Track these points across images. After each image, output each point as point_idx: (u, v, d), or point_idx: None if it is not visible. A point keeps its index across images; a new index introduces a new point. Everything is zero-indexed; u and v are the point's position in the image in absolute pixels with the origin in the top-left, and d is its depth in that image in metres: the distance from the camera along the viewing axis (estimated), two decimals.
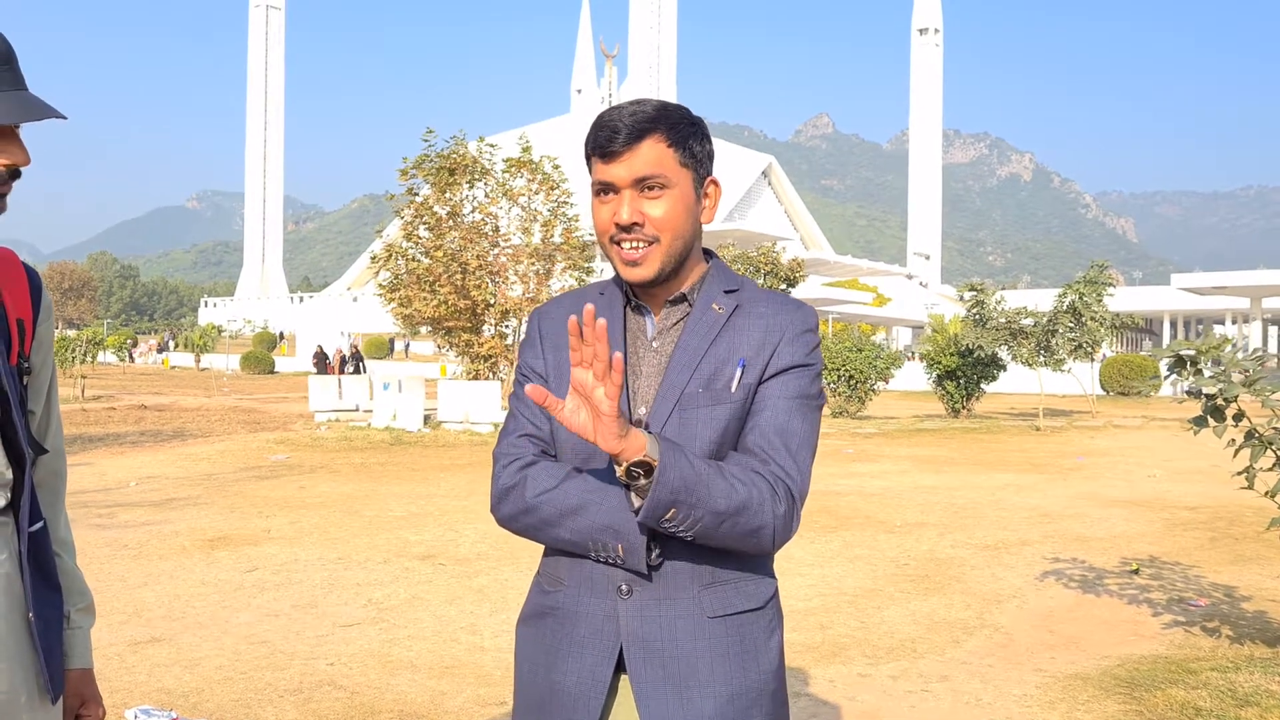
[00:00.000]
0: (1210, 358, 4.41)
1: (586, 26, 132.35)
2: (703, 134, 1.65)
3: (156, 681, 4.61)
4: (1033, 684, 4.75)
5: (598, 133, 1.60)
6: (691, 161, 1.63)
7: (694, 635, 1.57)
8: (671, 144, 1.60)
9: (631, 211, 1.59)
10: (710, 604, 1.58)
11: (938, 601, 6.35)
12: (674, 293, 1.67)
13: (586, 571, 1.60)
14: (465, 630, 5.53)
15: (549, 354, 1.71)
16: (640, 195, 1.60)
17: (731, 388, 1.60)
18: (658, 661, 1.56)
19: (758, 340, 1.63)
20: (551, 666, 1.62)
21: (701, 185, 1.66)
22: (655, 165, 1.58)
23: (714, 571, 1.59)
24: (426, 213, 20.24)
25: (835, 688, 4.68)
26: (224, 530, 8.45)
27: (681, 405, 1.59)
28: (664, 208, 1.59)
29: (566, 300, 1.77)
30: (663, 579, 1.57)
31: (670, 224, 1.60)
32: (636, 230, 1.60)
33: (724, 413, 1.60)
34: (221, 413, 22.65)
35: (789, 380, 1.62)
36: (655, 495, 1.45)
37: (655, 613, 1.57)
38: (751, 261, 31.18)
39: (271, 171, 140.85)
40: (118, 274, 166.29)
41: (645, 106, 1.61)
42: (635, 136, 1.58)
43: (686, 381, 1.60)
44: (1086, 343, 21.69)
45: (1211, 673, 4.74)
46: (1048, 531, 8.86)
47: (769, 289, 1.76)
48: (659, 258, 1.60)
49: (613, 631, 1.58)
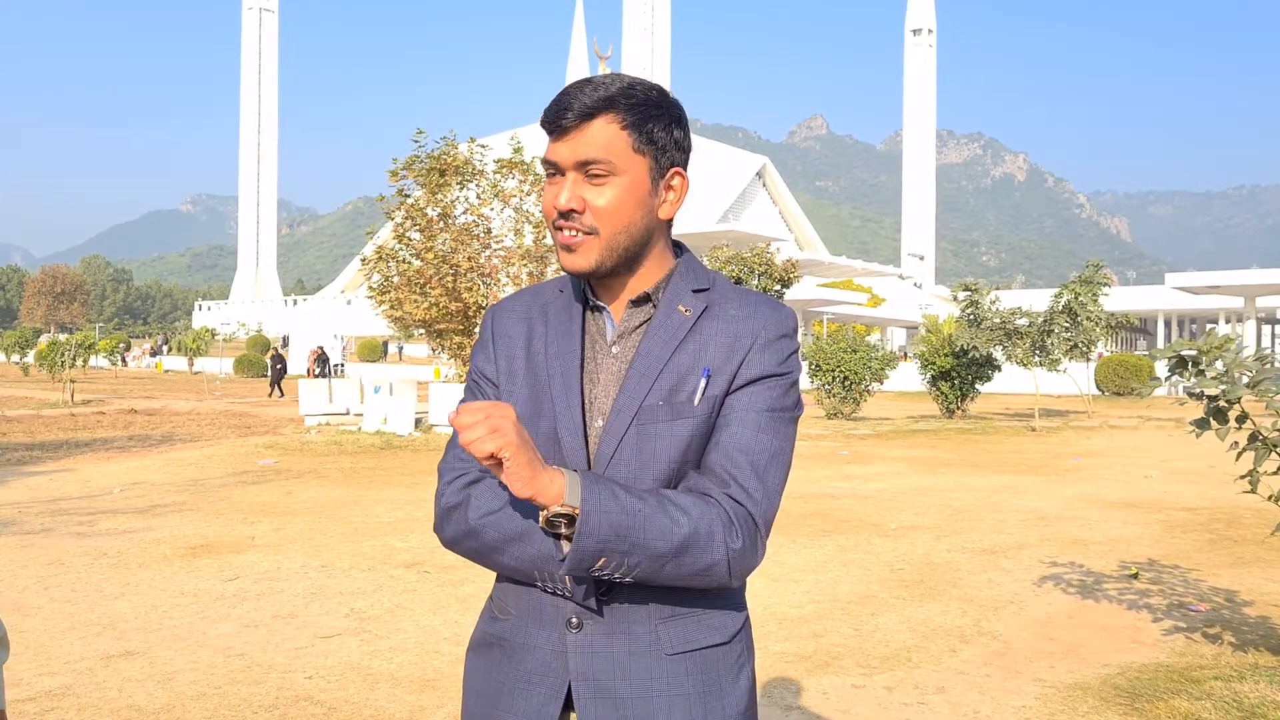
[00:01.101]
0: (1213, 358, 4.27)
1: (580, 27, 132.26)
2: (671, 119, 1.47)
3: (127, 698, 4.46)
4: (1032, 695, 4.61)
5: (551, 106, 1.44)
6: (649, 148, 1.45)
7: (650, 674, 1.41)
8: (626, 126, 1.43)
9: (570, 196, 1.43)
10: (669, 639, 1.43)
11: (933, 608, 6.21)
12: (636, 292, 1.50)
13: (535, 600, 1.45)
14: (449, 641, 5.39)
15: (500, 358, 1.55)
16: (584, 180, 1.43)
17: (694, 400, 1.44)
18: (609, 702, 1.41)
19: (726, 346, 1.46)
20: (496, 703, 1.48)
21: (663, 176, 1.48)
22: (602, 149, 1.42)
23: (673, 604, 1.43)
24: (417, 214, 20.08)
25: (828, 700, 4.54)
26: (207, 537, 8.30)
27: (640, 420, 1.43)
28: (606, 197, 1.43)
29: (523, 297, 1.60)
30: (616, 612, 1.42)
31: (611, 215, 1.43)
32: (574, 217, 1.43)
33: (686, 428, 1.43)
34: (212, 417, 22.49)
35: (759, 392, 1.46)
36: (579, 546, 1.30)
37: (607, 649, 1.42)
38: (746, 263, 31.09)
39: (265, 174, 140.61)
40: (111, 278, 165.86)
41: (610, 83, 1.44)
42: (585, 115, 1.42)
43: (646, 393, 1.44)
44: (1082, 342, 21.60)
45: (1215, 682, 4.61)
46: (1045, 534, 8.73)
47: (745, 287, 1.58)
48: (596, 250, 1.44)
49: (561, 668, 1.43)
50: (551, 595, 1.44)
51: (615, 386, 1.47)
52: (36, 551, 7.66)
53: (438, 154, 20.10)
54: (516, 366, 1.52)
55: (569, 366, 1.48)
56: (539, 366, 1.50)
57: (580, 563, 1.32)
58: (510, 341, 1.55)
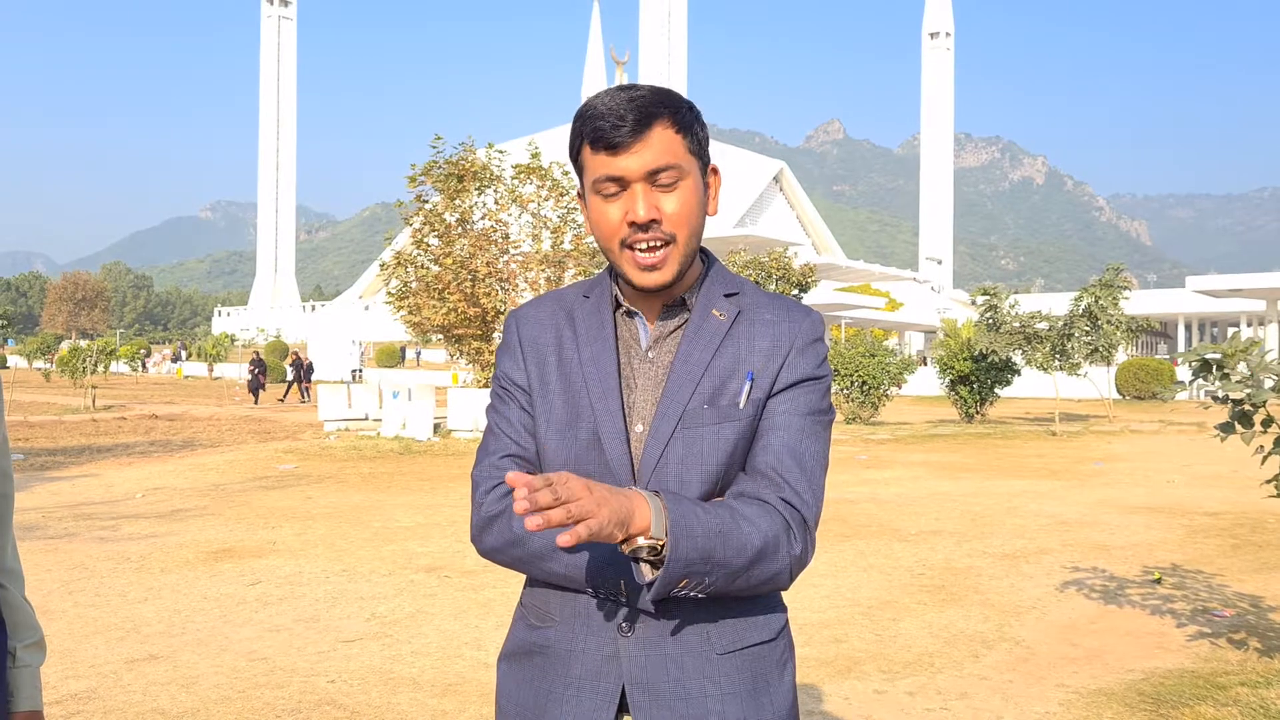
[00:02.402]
0: (1237, 362, 4.24)
1: (597, 33, 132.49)
2: (697, 119, 1.49)
3: (151, 701, 4.49)
4: (1055, 701, 4.58)
5: (597, 122, 1.41)
6: (698, 148, 1.47)
7: (702, 673, 1.43)
8: (679, 129, 1.43)
9: (648, 207, 1.42)
10: (720, 639, 1.44)
11: (955, 613, 6.18)
12: (672, 297, 1.51)
13: (581, 606, 1.46)
14: (470, 645, 5.40)
15: (531, 364, 1.55)
16: (652, 189, 1.43)
17: (740, 404, 1.45)
18: (664, 703, 1.42)
19: (765, 350, 1.48)
20: (543, 710, 1.48)
21: (705, 174, 1.50)
22: (669, 154, 1.42)
23: (723, 604, 1.44)
24: (436, 220, 20.16)
25: (850, 705, 4.52)
26: (229, 542, 8.34)
27: (685, 424, 1.44)
28: (679, 201, 1.43)
29: (546, 303, 1.60)
30: (668, 615, 1.43)
31: (686, 218, 1.44)
32: (654, 228, 1.43)
33: (732, 431, 1.45)
34: (232, 422, 22.61)
35: (800, 395, 1.48)
36: (669, 574, 1.31)
37: (660, 651, 1.43)
38: (763, 267, 31.05)
39: (284, 181, 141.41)
40: (132, 284, 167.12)
41: (642, 90, 1.44)
42: (644, 123, 1.40)
43: (689, 397, 1.45)
44: (1103, 346, 21.47)
45: (1241, 688, 4.57)
46: (1067, 539, 8.68)
47: (771, 292, 1.59)
48: (677, 258, 1.44)
49: (614, 673, 1.44)
50: (602, 600, 1.44)
51: (653, 390, 1.48)
52: (61, 556, 7.72)
53: (456, 160, 20.19)
54: (549, 375, 1.52)
55: (606, 372, 1.48)
56: (573, 373, 1.50)
57: (666, 589, 1.33)
58: (540, 348, 1.54)
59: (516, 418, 1.53)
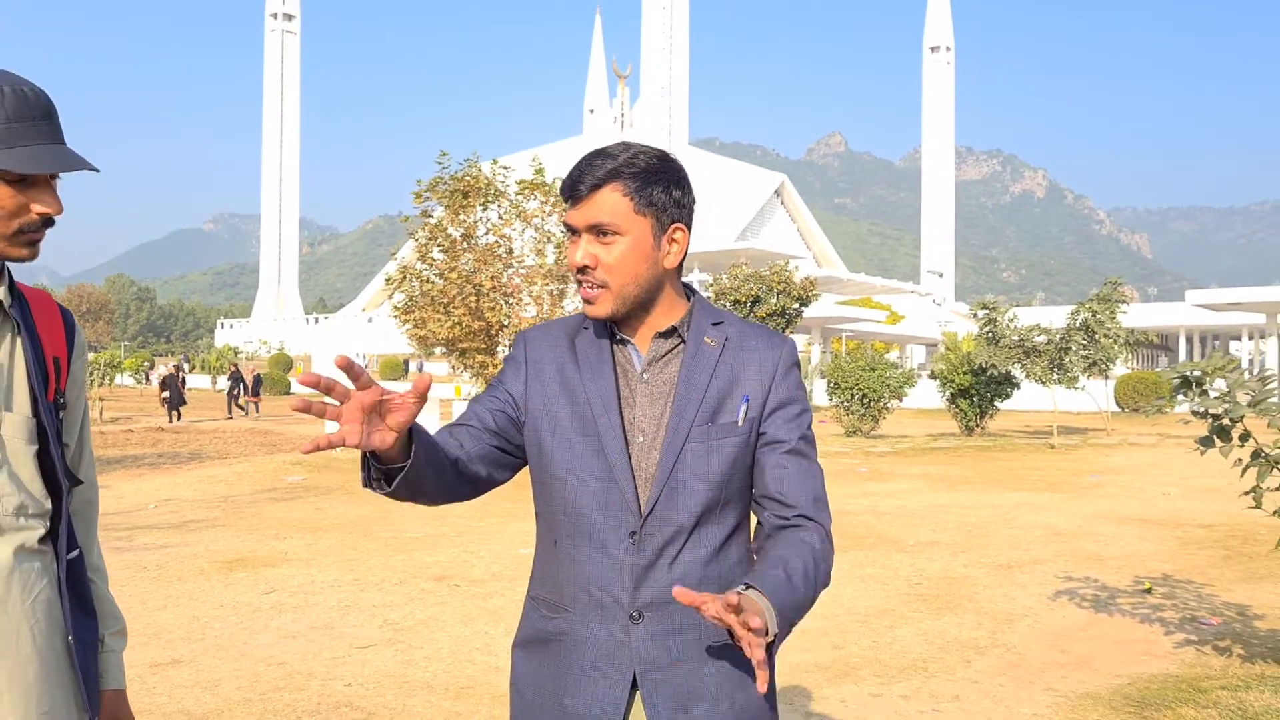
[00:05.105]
0: (1215, 378, 4.44)
1: (599, 47, 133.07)
2: (670, 181, 1.69)
3: (177, 703, 4.68)
4: (1044, 703, 4.78)
5: (567, 179, 1.70)
6: (649, 209, 1.67)
7: (703, 657, 1.65)
8: (628, 194, 1.66)
9: (584, 255, 1.68)
10: (716, 630, 1.64)
11: (950, 621, 6.38)
12: (657, 328, 1.74)
13: (596, 598, 1.67)
14: (480, 651, 5.59)
15: (532, 379, 1.77)
16: (595, 240, 1.68)
17: (738, 421, 1.70)
18: (668, 681, 1.65)
19: (755, 374, 1.73)
20: (563, 690, 1.68)
21: (664, 231, 1.70)
22: (608, 214, 1.66)
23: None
24: (440, 234, 20.39)
25: (847, 707, 4.71)
26: (241, 552, 8.54)
27: (692, 439, 1.68)
28: (614, 254, 1.66)
29: (552, 328, 1.83)
30: (674, 608, 1.65)
31: (618, 270, 1.67)
32: (589, 273, 1.69)
33: (732, 445, 1.69)
34: (238, 434, 22.81)
35: (794, 421, 1.73)
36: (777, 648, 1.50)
37: (666, 638, 1.65)
38: (764, 280, 31.20)
39: (287, 194, 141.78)
40: (135, 296, 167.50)
41: (618, 154, 1.67)
42: (594, 187, 1.66)
43: (694, 415, 1.68)
44: (1100, 360, 21.66)
45: (1221, 691, 4.76)
46: (1061, 550, 8.87)
47: (748, 320, 1.86)
48: (610, 300, 1.68)
49: (626, 657, 1.65)
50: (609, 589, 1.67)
51: (651, 407, 1.71)
52: None
53: (460, 175, 20.43)
54: (551, 390, 1.75)
55: (606, 390, 1.71)
56: (576, 391, 1.73)
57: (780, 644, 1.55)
58: (542, 367, 1.77)
59: (487, 404, 1.76)
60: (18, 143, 1.51)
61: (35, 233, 1.58)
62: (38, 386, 1.61)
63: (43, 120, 1.54)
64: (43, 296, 1.72)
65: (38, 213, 1.56)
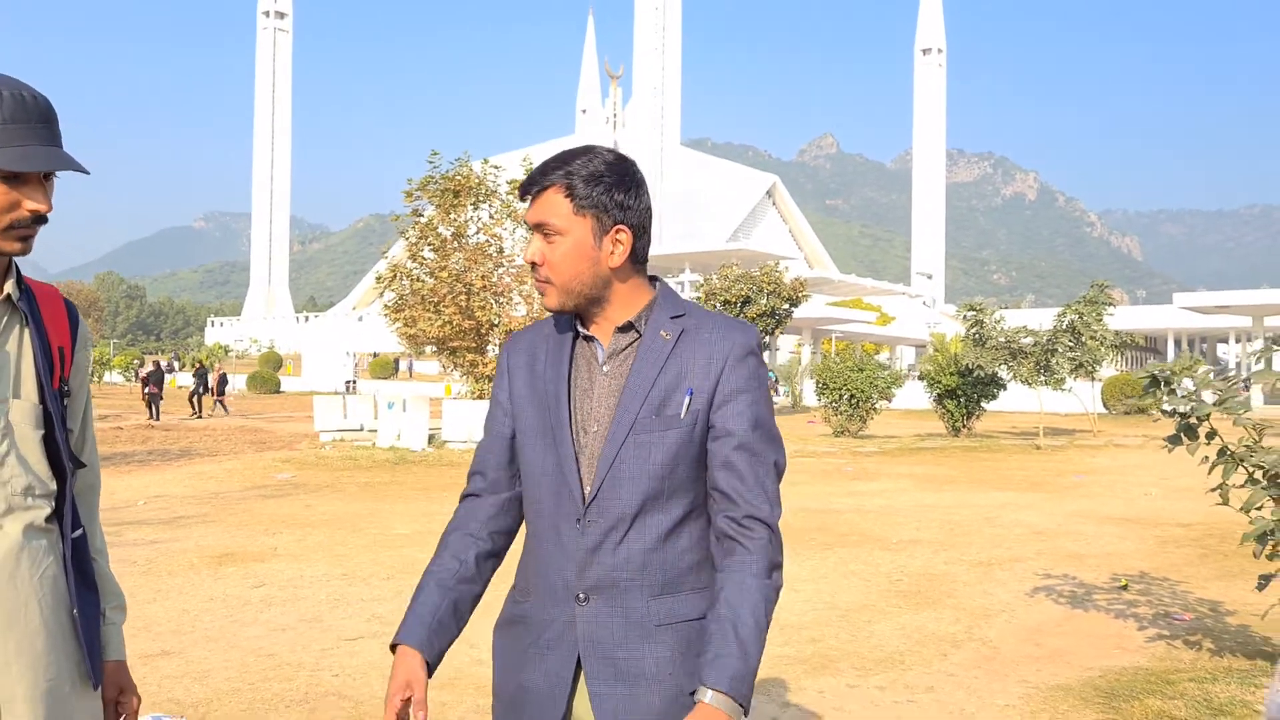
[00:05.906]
0: (1181, 378, 4.57)
1: (591, 47, 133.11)
2: (614, 185, 1.77)
3: (167, 693, 4.78)
4: (1016, 695, 4.90)
5: (524, 179, 1.82)
6: (591, 210, 1.76)
7: (642, 640, 1.74)
8: (569, 195, 1.75)
9: (533, 251, 1.79)
10: (657, 613, 1.75)
11: (928, 616, 6.50)
12: (618, 321, 1.82)
13: (550, 583, 1.79)
14: (465, 644, 5.67)
15: (516, 385, 1.88)
16: (543, 238, 1.79)
17: (680, 414, 1.75)
18: (609, 662, 1.74)
19: (702, 365, 1.77)
20: (521, 668, 1.81)
21: (606, 233, 1.78)
22: (550, 214, 1.76)
23: (660, 585, 1.76)
24: (431, 233, 20.48)
25: (824, 698, 4.83)
26: (231, 547, 8.62)
27: (635, 431, 1.75)
28: (558, 253, 1.77)
29: (528, 332, 1.94)
30: (616, 591, 1.75)
31: (560, 267, 1.77)
32: (537, 269, 1.80)
33: (675, 437, 1.75)
34: (228, 432, 22.86)
35: (744, 409, 1.77)
36: None
37: (608, 619, 1.75)
38: (754, 281, 31.35)
39: (278, 192, 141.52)
40: (125, 294, 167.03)
41: (567, 159, 1.78)
42: (541, 188, 1.78)
43: (639, 408, 1.75)
44: (1087, 362, 21.84)
45: (1189, 683, 4.89)
46: (1041, 549, 9.00)
47: (714, 311, 1.94)
48: (556, 294, 1.80)
49: (571, 637, 1.76)
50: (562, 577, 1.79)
51: (608, 399, 1.80)
52: None
53: (451, 175, 20.51)
54: (521, 392, 1.87)
55: (559, 385, 1.82)
56: (539, 386, 1.85)
57: None
58: (515, 373, 1.90)
59: (496, 429, 1.92)
60: (12, 143, 1.60)
61: (26, 229, 1.68)
62: (44, 375, 1.72)
63: (40, 124, 1.64)
64: (49, 290, 1.82)
65: (29, 210, 1.66)
